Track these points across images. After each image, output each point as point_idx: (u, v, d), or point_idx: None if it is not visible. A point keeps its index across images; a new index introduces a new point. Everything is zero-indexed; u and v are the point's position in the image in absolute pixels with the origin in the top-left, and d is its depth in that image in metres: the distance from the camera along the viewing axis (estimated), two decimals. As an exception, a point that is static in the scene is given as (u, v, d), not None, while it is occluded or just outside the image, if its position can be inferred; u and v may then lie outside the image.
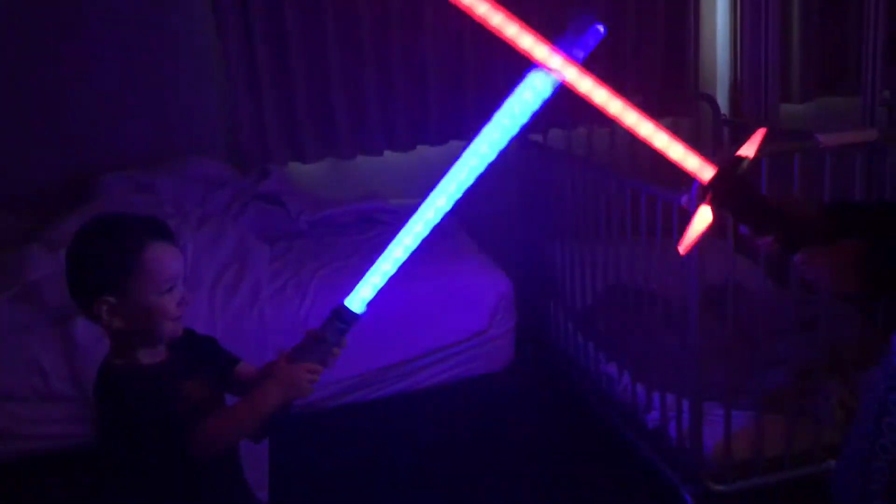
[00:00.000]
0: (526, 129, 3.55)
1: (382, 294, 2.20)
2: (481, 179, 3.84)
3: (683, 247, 1.30)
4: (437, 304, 2.69)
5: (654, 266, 2.42)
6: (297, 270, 2.85)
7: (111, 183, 3.17)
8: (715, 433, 2.28)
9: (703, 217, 1.28)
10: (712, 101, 3.63)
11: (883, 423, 1.41)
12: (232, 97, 3.45)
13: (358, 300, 1.43)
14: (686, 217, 2.15)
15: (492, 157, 1.32)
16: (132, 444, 1.41)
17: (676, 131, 3.94)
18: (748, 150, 1.29)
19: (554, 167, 3.06)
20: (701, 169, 1.26)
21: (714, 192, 1.26)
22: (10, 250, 2.84)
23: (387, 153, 3.64)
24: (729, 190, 1.26)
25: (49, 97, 3.35)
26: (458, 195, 1.35)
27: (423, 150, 3.67)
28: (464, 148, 1.36)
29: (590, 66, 1.31)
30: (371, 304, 1.42)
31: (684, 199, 2.14)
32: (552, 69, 1.19)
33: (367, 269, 1.42)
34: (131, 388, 1.41)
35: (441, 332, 2.69)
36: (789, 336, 2.28)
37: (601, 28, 1.23)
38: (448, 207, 1.36)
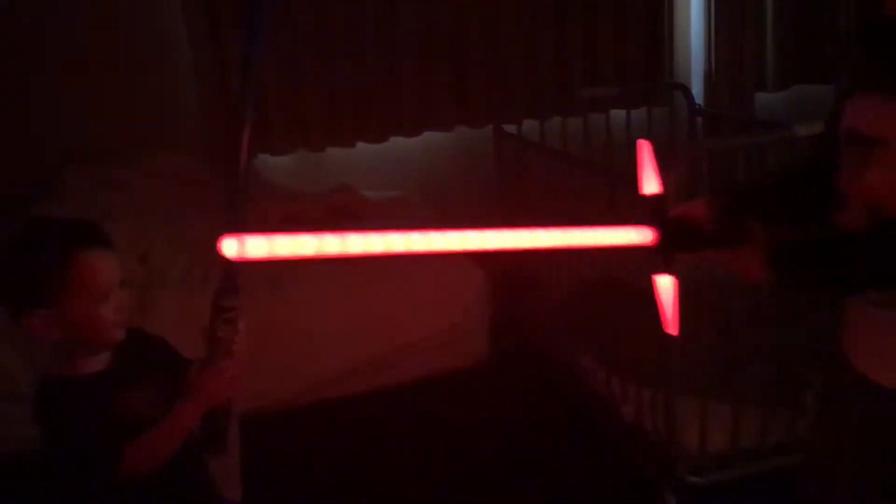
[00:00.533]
0: (500, 120, 3.51)
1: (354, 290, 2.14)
2: (456, 171, 3.75)
3: (671, 326, 1.28)
4: (410, 299, 2.66)
5: (630, 257, 2.39)
6: (269, 264, 2.80)
7: (77, 178, 3.10)
8: (691, 426, 2.27)
9: (666, 286, 1.27)
10: (686, 90, 3.61)
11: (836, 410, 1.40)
12: (201, 90, 3.38)
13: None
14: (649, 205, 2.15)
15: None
16: (66, 462, 1.39)
17: (652, 121, 3.93)
18: (651, 181, 1.26)
19: (528, 158, 3.03)
20: (641, 236, 1.24)
21: (666, 255, 1.26)
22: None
23: (359, 144, 3.59)
24: (677, 243, 1.26)
25: (15, 91, 3.27)
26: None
27: (396, 142, 3.63)
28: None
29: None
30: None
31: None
32: None
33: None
34: (63, 407, 1.38)
35: (414, 326, 2.66)
36: (767, 327, 2.27)
37: None
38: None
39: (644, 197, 1.26)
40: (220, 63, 3.34)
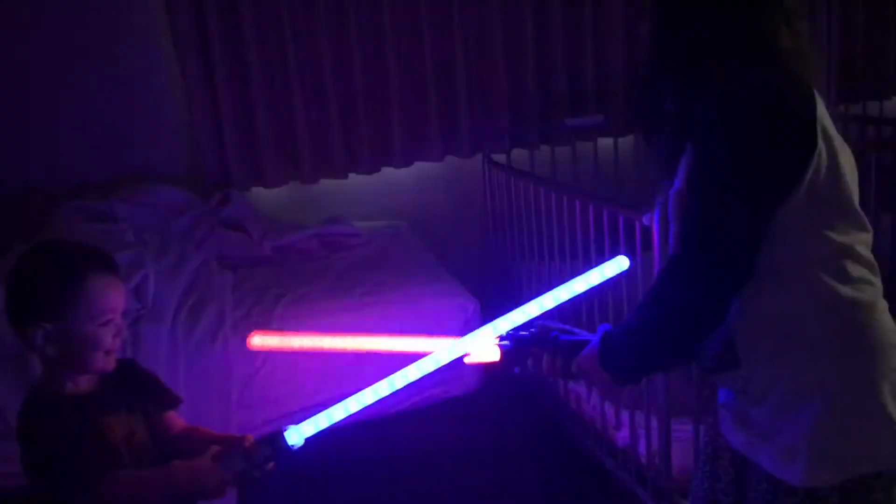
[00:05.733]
0: (490, 150, 3.53)
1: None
2: (447, 200, 3.76)
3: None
4: (404, 328, 2.67)
5: (619, 283, 2.42)
6: (261, 297, 2.81)
7: (68, 211, 3.11)
8: (684, 450, 2.28)
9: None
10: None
11: (718, 466, 1.40)
12: (192, 122, 3.41)
13: (299, 433, 1.44)
14: (648, 235, 2.18)
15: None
16: (43, 478, 1.39)
17: (638, 148, 3.91)
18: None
19: (518, 187, 3.06)
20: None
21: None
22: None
23: (351, 176, 3.62)
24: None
25: (2, 125, 3.28)
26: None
27: (387, 173, 3.66)
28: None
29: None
30: (308, 440, 1.44)
31: (647, 218, 2.16)
32: None
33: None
34: (47, 421, 1.40)
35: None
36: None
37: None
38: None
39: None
40: (209, 94, 3.37)
